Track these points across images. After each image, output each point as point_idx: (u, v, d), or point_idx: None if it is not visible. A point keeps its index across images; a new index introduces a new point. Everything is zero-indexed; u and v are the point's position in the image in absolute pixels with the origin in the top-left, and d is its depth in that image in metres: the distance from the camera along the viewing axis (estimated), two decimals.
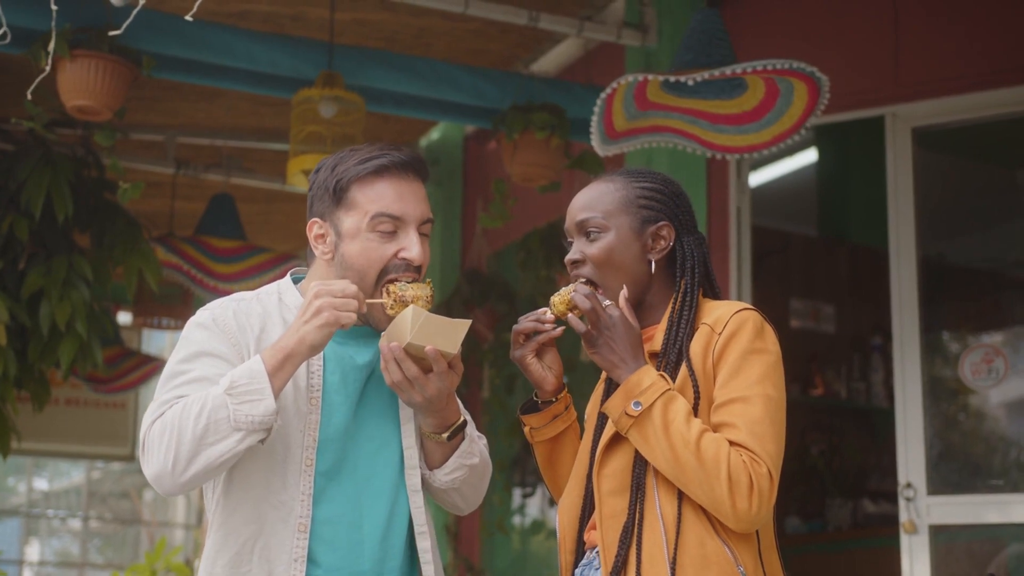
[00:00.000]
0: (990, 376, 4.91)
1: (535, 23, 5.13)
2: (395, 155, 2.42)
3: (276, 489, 2.34)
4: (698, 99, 4.24)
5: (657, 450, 2.20)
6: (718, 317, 2.30)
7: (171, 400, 2.28)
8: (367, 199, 2.39)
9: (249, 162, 6.99)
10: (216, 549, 2.35)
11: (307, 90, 4.83)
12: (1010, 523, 4.70)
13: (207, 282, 6.21)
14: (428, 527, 2.46)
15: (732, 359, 2.24)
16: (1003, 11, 4.82)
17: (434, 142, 7.46)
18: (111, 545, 16.54)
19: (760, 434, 2.19)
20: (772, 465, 2.18)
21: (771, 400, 2.22)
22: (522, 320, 2.44)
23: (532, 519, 7.07)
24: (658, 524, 2.20)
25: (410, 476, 2.45)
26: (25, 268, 5.08)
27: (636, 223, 2.39)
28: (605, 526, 2.26)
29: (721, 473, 2.14)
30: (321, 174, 2.45)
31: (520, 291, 6.62)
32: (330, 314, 2.25)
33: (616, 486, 2.27)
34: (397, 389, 2.33)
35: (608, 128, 4.24)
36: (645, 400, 2.21)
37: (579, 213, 2.42)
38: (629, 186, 2.42)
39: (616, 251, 2.37)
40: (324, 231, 2.44)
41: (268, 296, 2.47)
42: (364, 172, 2.40)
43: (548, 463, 2.54)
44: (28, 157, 5.14)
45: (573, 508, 2.41)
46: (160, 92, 5.99)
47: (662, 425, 2.19)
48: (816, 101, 4.08)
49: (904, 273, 4.86)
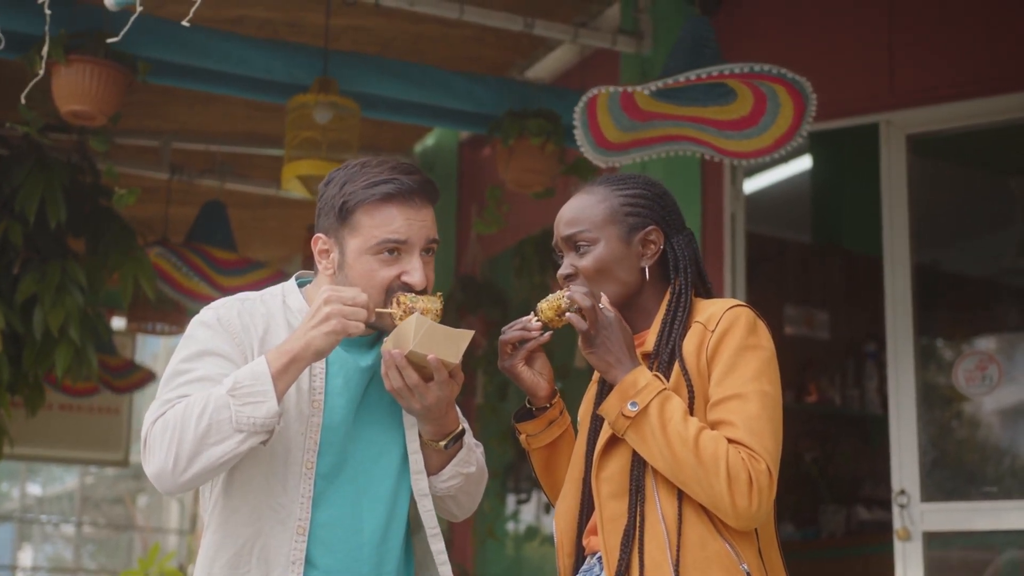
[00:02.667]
0: (984, 383, 4.92)
1: (530, 29, 5.13)
2: (404, 180, 2.39)
3: (276, 491, 2.34)
4: (697, 106, 4.26)
5: (655, 450, 2.20)
6: (711, 315, 2.30)
7: (174, 399, 2.28)
8: (373, 223, 2.37)
9: (244, 168, 6.99)
10: (214, 549, 2.35)
11: (302, 96, 4.83)
12: (1003, 530, 4.70)
13: (208, 293, 6.21)
14: (439, 529, 2.46)
15: (726, 356, 2.24)
16: (997, 19, 4.83)
17: (429, 148, 7.46)
18: (104, 551, 16.51)
19: (758, 431, 2.19)
20: (771, 461, 2.18)
21: (767, 396, 2.22)
22: (507, 330, 2.43)
23: (527, 525, 7.07)
24: (659, 526, 2.20)
25: (417, 481, 2.45)
26: (19, 273, 5.07)
27: (624, 232, 2.39)
28: (607, 530, 2.26)
29: (720, 471, 2.14)
30: (330, 189, 2.44)
31: (514, 298, 6.62)
32: (338, 322, 2.24)
33: (615, 489, 2.27)
34: (397, 395, 2.33)
35: (599, 139, 4.26)
36: (641, 400, 2.21)
37: (566, 228, 2.42)
38: (612, 195, 2.41)
39: (607, 262, 2.37)
40: (328, 247, 2.44)
41: (272, 298, 2.47)
42: (371, 198, 2.38)
43: (545, 469, 2.54)
44: (23, 162, 5.14)
45: (570, 512, 2.40)
46: (155, 97, 5.99)
47: (659, 424, 2.19)
48: (803, 105, 4.09)
49: (898, 280, 4.86)
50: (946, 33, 4.95)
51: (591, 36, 5.36)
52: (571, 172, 5.35)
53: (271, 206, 7.64)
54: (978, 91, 4.80)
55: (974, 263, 6.17)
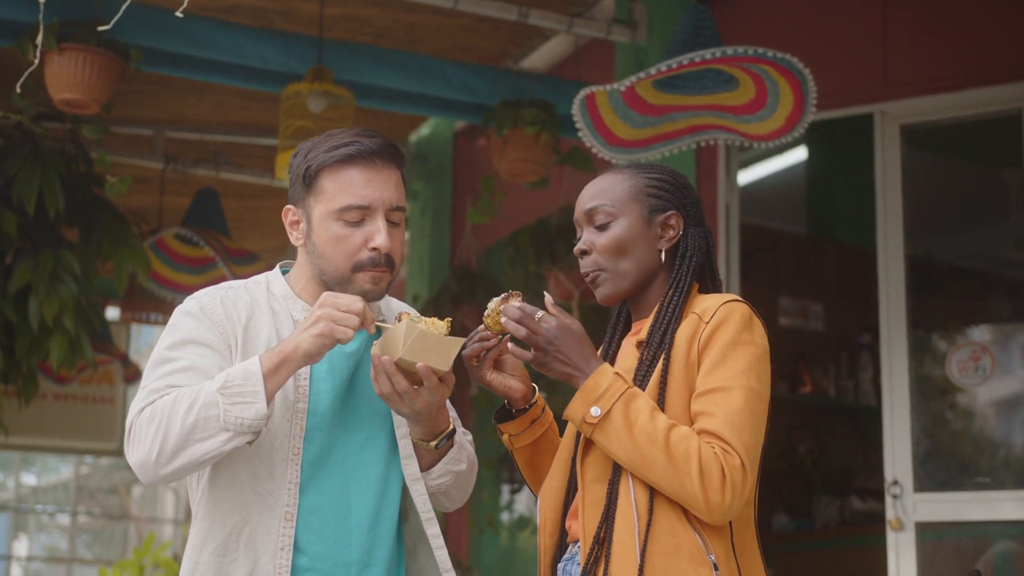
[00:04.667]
0: (977, 374, 4.92)
1: (525, 19, 5.13)
2: (365, 142, 2.38)
3: (263, 478, 2.33)
4: (708, 94, 4.25)
5: (621, 452, 2.19)
6: (707, 307, 2.29)
7: (161, 389, 2.27)
8: (335, 187, 2.37)
9: (238, 157, 6.98)
10: (202, 538, 2.34)
11: (296, 85, 4.83)
12: (996, 520, 4.71)
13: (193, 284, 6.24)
14: (434, 513, 2.46)
15: (717, 349, 2.23)
16: (992, 9, 4.83)
17: (423, 138, 7.45)
18: (99, 540, 16.51)
19: (738, 425, 2.17)
20: (746, 456, 2.16)
21: (752, 391, 2.21)
22: (467, 344, 2.40)
23: (519, 515, 7.07)
24: (631, 511, 2.20)
25: (407, 466, 2.44)
26: (12, 263, 5.06)
27: (645, 212, 2.39)
28: (587, 513, 2.26)
29: (692, 468, 2.13)
30: (297, 159, 2.44)
31: (509, 287, 6.62)
32: (326, 326, 2.23)
33: (599, 473, 2.26)
34: (386, 400, 2.30)
35: (609, 138, 4.25)
36: (604, 405, 2.19)
37: (588, 202, 2.41)
38: (638, 176, 2.42)
39: (626, 239, 2.37)
40: (297, 217, 2.44)
41: (256, 285, 2.47)
42: (332, 160, 2.37)
43: (530, 467, 2.53)
44: (17, 152, 5.12)
45: (556, 492, 2.40)
46: (148, 87, 5.98)
47: (625, 427, 2.17)
48: (797, 81, 4.06)
49: (892, 271, 4.87)
50: (941, 24, 4.95)
51: (586, 26, 5.35)
52: (565, 162, 5.35)
53: (266, 196, 7.62)
54: (973, 81, 4.80)
55: (968, 254, 6.18)
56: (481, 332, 2.39)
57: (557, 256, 5.88)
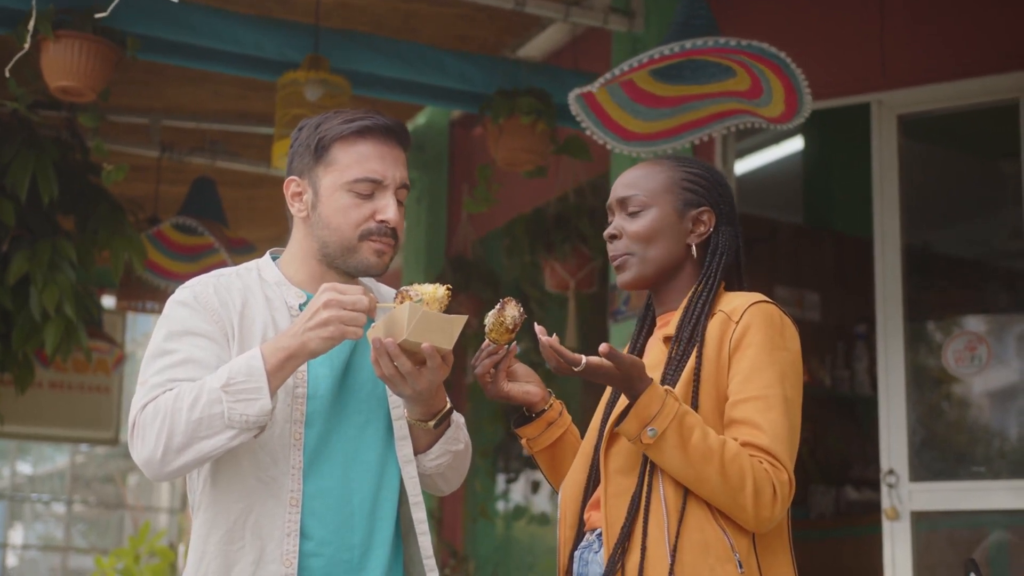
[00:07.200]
0: (973, 364, 4.93)
1: (522, 8, 5.12)
2: (379, 119, 2.43)
3: (265, 465, 2.32)
4: (716, 82, 4.24)
5: (675, 468, 2.19)
6: (735, 307, 2.29)
7: (162, 384, 2.26)
8: (348, 159, 2.39)
9: (234, 146, 6.97)
10: (207, 528, 2.34)
11: (292, 73, 4.82)
12: (991, 510, 4.72)
13: (188, 272, 6.23)
14: (422, 497, 2.46)
15: (751, 353, 2.24)
16: (989, 0, 4.83)
17: (420, 127, 7.44)
18: (95, 529, 16.53)
19: (783, 438, 2.21)
20: (791, 470, 2.21)
21: (789, 402, 2.23)
22: (477, 365, 2.41)
23: (515, 504, 7.08)
24: (661, 506, 2.20)
25: (401, 447, 2.44)
26: (9, 251, 5.05)
27: (679, 204, 2.40)
28: (610, 504, 2.25)
29: (747, 487, 2.15)
30: (304, 132, 2.45)
31: (505, 277, 6.62)
32: (336, 329, 2.21)
33: (623, 464, 2.27)
34: (388, 382, 2.29)
35: (622, 133, 4.23)
36: (659, 425, 2.17)
37: (623, 190, 2.43)
38: (675, 169, 2.43)
39: (656, 229, 2.38)
40: (301, 189, 2.44)
41: (248, 272, 2.46)
42: (347, 131, 2.40)
43: (551, 469, 2.54)
44: (12, 139, 5.11)
45: (577, 484, 2.40)
46: (145, 75, 5.96)
47: (679, 445, 2.17)
48: (782, 71, 4.04)
49: (888, 261, 4.87)
50: (938, 13, 4.95)
51: (583, 15, 5.34)
52: (562, 151, 5.34)
53: (263, 185, 7.62)
54: (970, 71, 4.80)
55: (964, 245, 6.18)
56: (488, 348, 2.40)
57: (553, 245, 5.88)
